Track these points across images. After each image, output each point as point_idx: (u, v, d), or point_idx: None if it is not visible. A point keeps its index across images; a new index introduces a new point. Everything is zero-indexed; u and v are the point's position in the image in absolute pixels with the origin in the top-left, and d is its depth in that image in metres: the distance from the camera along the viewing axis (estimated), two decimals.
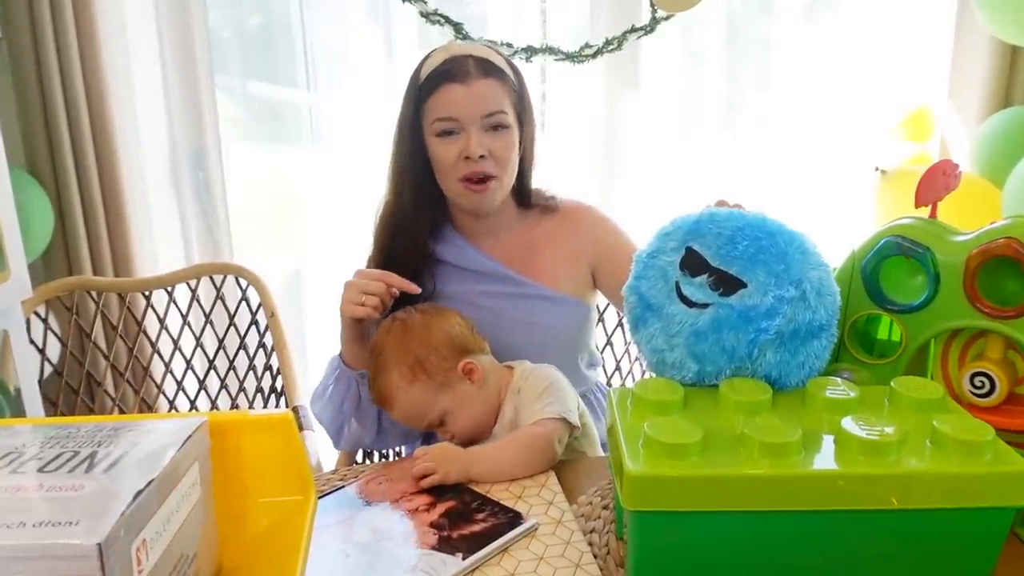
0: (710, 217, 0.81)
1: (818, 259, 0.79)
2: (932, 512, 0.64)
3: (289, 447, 0.58)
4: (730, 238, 0.79)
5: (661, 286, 0.82)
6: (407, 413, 1.03)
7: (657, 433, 0.65)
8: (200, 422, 0.51)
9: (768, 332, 0.75)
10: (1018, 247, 0.75)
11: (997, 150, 1.74)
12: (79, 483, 0.41)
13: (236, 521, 0.57)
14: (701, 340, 0.77)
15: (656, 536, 0.66)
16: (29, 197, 1.67)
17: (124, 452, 0.45)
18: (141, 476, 0.42)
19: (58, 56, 1.68)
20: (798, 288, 0.75)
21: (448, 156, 1.13)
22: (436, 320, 1.06)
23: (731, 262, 0.78)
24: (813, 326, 0.77)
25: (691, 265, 0.80)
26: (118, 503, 0.39)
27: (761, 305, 0.76)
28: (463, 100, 1.11)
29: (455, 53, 1.14)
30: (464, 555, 0.73)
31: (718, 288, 0.78)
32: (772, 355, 0.76)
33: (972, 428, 0.66)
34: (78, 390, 1.54)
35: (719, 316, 0.77)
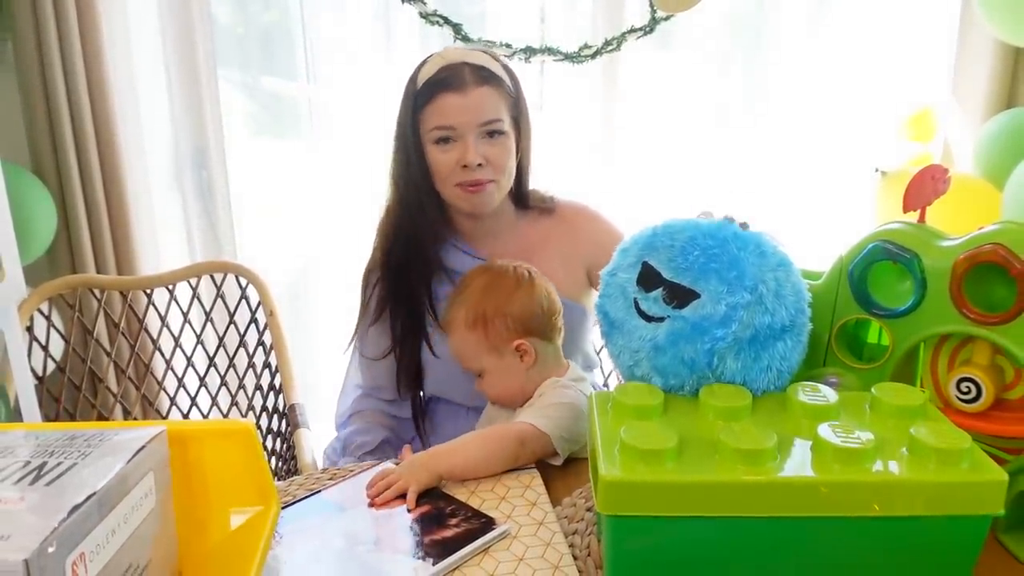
0: (664, 229, 0.81)
1: (778, 259, 0.78)
2: (907, 520, 0.63)
3: (250, 457, 0.58)
4: (681, 250, 0.79)
5: (621, 303, 0.82)
6: (457, 350, 1.07)
7: (633, 438, 0.65)
8: (157, 432, 0.51)
9: (724, 340, 0.75)
10: (1005, 253, 0.74)
11: (998, 152, 1.71)
12: (21, 495, 0.41)
13: (198, 529, 0.57)
14: (661, 354, 0.77)
15: (631, 540, 0.66)
16: (33, 196, 1.69)
17: (73, 463, 0.45)
18: (83, 490, 0.42)
19: (62, 56, 1.69)
20: (753, 292, 0.75)
21: (446, 163, 1.13)
22: (522, 291, 1.06)
23: (683, 274, 0.78)
24: (774, 328, 0.76)
25: (646, 280, 0.81)
26: (53, 518, 0.39)
27: (715, 314, 0.75)
28: (460, 109, 1.11)
29: (451, 60, 1.13)
30: (435, 560, 0.73)
31: (672, 301, 0.78)
32: (733, 362, 0.76)
33: (950, 436, 0.65)
34: (81, 387, 1.56)
35: (674, 329, 0.77)
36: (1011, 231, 0.75)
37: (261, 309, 1.58)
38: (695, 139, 2.13)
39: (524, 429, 0.94)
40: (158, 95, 1.93)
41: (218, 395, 1.65)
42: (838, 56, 2.07)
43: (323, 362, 2.15)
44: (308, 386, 1.79)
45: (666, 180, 2.13)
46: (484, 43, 1.81)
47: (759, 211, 0.85)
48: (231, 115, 2.05)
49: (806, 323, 0.80)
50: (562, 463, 0.97)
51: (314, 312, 2.24)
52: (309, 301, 2.23)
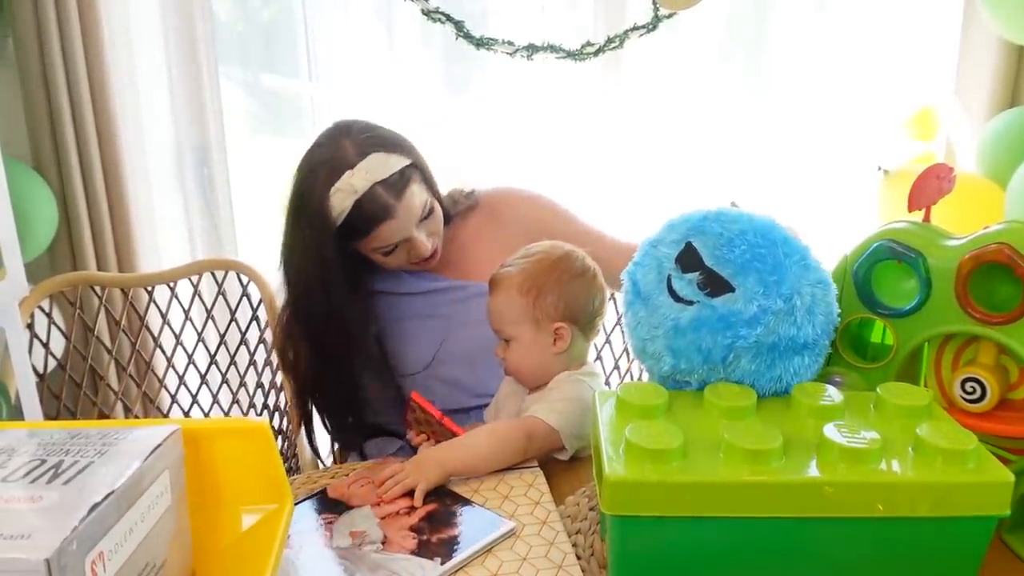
0: (717, 216, 0.80)
1: (819, 275, 0.78)
2: (913, 521, 0.63)
3: (265, 455, 0.58)
4: (729, 240, 0.78)
5: (654, 276, 0.81)
6: (498, 309, 1.05)
7: (638, 438, 0.65)
8: (172, 431, 0.52)
9: (746, 340, 0.74)
10: (1010, 253, 0.74)
11: (1001, 150, 1.71)
12: (39, 494, 0.41)
13: (212, 528, 0.57)
14: (680, 336, 0.77)
15: (636, 540, 0.66)
16: (34, 192, 1.68)
17: (90, 462, 0.45)
18: (101, 488, 0.42)
19: (63, 52, 1.68)
20: (787, 302, 0.75)
21: (397, 260, 1.17)
22: (583, 280, 1.06)
23: (724, 264, 0.77)
24: (796, 343, 0.76)
25: (686, 260, 0.80)
26: (73, 516, 0.39)
27: (744, 312, 0.75)
28: (400, 225, 1.12)
29: (361, 190, 1.10)
30: (443, 560, 0.74)
31: (706, 288, 0.77)
32: (747, 363, 0.75)
33: (956, 436, 0.65)
34: (82, 384, 1.55)
35: (700, 316, 0.76)
36: (1017, 230, 0.75)
37: (263, 307, 1.58)
38: (697, 137, 2.13)
39: (533, 424, 0.94)
40: (159, 92, 1.93)
41: (219, 393, 1.65)
42: (840, 55, 2.07)
43: None
44: None
45: (668, 179, 2.13)
46: (486, 40, 1.81)
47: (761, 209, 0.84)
48: (232, 113, 2.04)
49: (827, 346, 0.80)
50: (568, 458, 0.97)
51: None
52: None
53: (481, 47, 1.80)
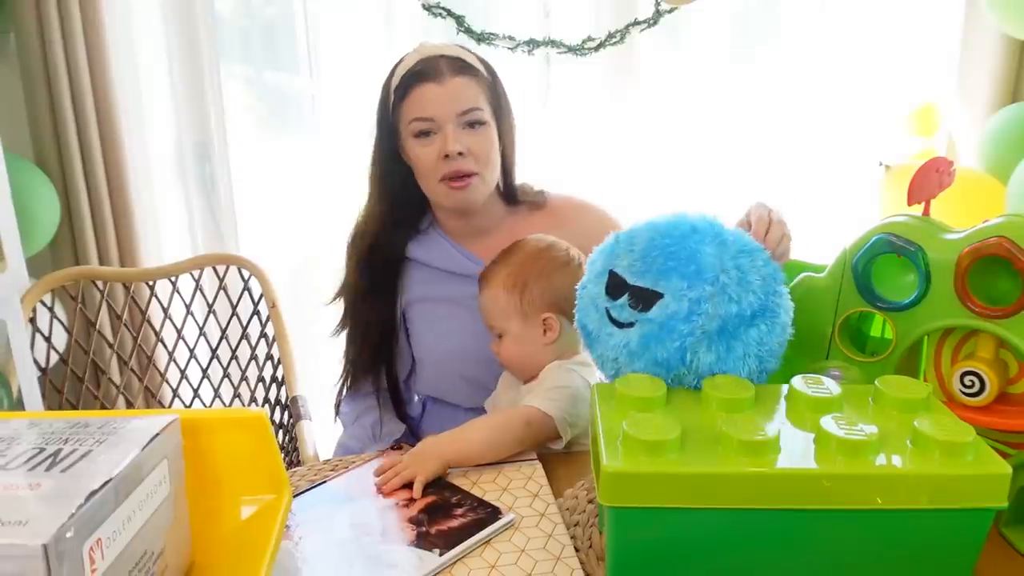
0: (625, 236, 0.83)
1: (739, 246, 0.78)
2: (911, 512, 0.63)
3: (263, 446, 0.58)
4: (642, 254, 0.79)
5: (593, 314, 0.83)
6: (488, 306, 1.08)
7: (635, 430, 0.65)
8: (170, 420, 0.52)
9: (692, 335, 0.75)
10: (1009, 246, 0.74)
11: (1002, 146, 1.71)
12: (37, 482, 0.41)
13: (210, 518, 0.57)
14: (636, 359, 0.78)
15: (633, 531, 0.66)
16: (35, 187, 1.69)
17: (88, 450, 0.46)
18: (99, 475, 0.42)
19: (64, 48, 1.69)
20: (714, 284, 0.75)
21: (428, 157, 1.13)
22: (568, 270, 1.07)
23: (644, 276, 0.79)
24: (743, 316, 0.76)
25: (613, 288, 0.81)
26: (71, 503, 0.39)
27: (679, 311, 0.76)
28: (438, 99, 1.11)
29: (427, 54, 1.14)
30: (442, 551, 0.74)
31: (638, 305, 0.78)
32: (706, 355, 0.76)
33: (954, 429, 0.65)
34: (83, 378, 1.56)
35: (644, 332, 0.77)
36: (1016, 224, 0.75)
37: (263, 301, 1.58)
38: (700, 133, 2.14)
39: (529, 412, 0.95)
40: (160, 87, 1.94)
41: (220, 387, 1.66)
42: (843, 51, 2.07)
43: (323, 354, 2.15)
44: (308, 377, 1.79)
45: (670, 174, 2.13)
46: (487, 35, 1.81)
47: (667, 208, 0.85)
48: (234, 109, 2.04)
49: (781, 304, 0.79)
50: (563, 447, 0.98)
51: (315, 305, 2.23)
52: (310, 294, 2.23)
53: (482, 42, 1.81)
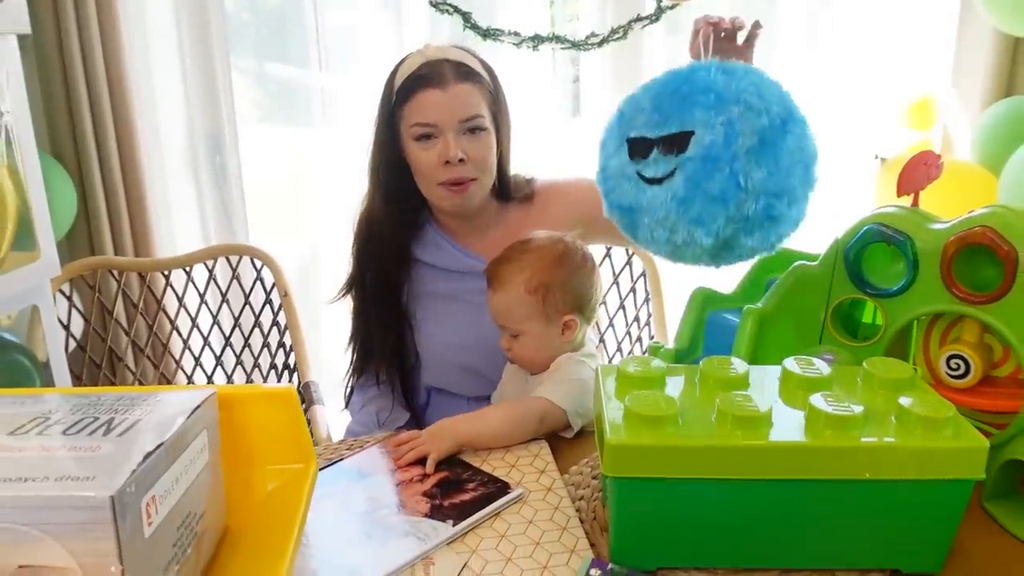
0: (630, 104, 0.82)
1: (744, 68, 0.79)
2: (895, 483, 0.67)
3: (292, 419, 0.62)
4: (655, 106, 0.78)
5: (627, 186, 0.81)
6: (505, 308, 1.07)
7: (637, 406, 0.70)
8: (209, 393, 0.56)
9: (737, 158, 0.73)
10: (992, 236, 0.78)
11: (995, 139, 1.74)
12: (97, 444, 0.46)
13: (243, 486, 0.62)
14: (689, 205, 0.75)
15: (635, 500, 0.71)
16: (53, 180, 1.73)
17: (138, 419, 0.50)
18: (152, 440, 0.47)
19: (80, 42, 1.73)
20: (738, 103, 0.75)
21: (427, 161, 1.15)
22: (586, 271, 1.10)
23: (666, 124, 0.77)
24: (775, 125, 0.75)
25: (638, 150, 0.80)
26: (130, 462, 0.44)
27: (716, 139, 0.74)
28: (440, 105, 1.12)
29: (431, 57, 1.15)
30: (454, 522, 0.78)
31: (672, 151, 0.77)
32: (758, 172, 0.74)
33: (935, 405, 0.69)
34: (101, 364, 1.61)
35: (688, 173, 0.75)
36: (999, 215, 0.79)
37: (275, 290, 1.62)
38: None
39: (543, 405, 0.99)
40: (173, 81, 1.97)
41: (234, 373, 1.70)
42: (840, 44, 2.09)
43: (332, 341, 2.20)
44: (319, 363, 1.84)
45: None
46: (493, 31, 1.85)
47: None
48: (244, 101, 2.08)
49: (797, 109, 0.80)
50: (573, 436, 1.02)
51: (324, 293, 2.28)
52: (319, 283, 2.27)
53: (488, 38, 1.84)
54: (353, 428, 1.29)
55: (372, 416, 1.27)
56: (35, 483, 0.42)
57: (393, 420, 1.27)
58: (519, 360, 1.11)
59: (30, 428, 0.49)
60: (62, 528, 0.41)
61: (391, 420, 1.27)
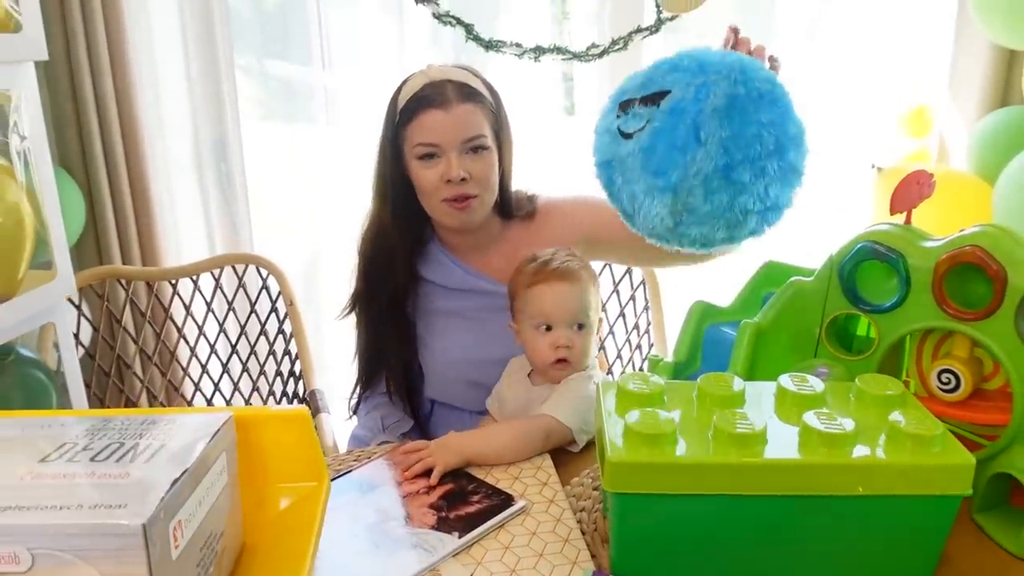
0: (628, 79, 0.87)
1: (736, 55, 0.84)
2: (885, 498, 0.70)
3: (305, 439, 0.65)
4: (646, 74, 0.84)
5: (607, 140, 0.85)
6: (580, 295, 1.10)
7: (636, 423, 0.72)
8: (227, 417, 0.59)
9: (702, 112, 0.77)
10: (982, 255, 0.80)
11: (991, 148, 1.76)
12: (124, 471, 0.48)
13: (258, 504, 0.64)
14: (652, 153, 0.79)
15: (635, 515, 0.73)
16: (62, 190, 1.73)
17: (162, 444, 0.53)
18: (177, 466, 0.49)
19: (88, 53, 1.74)
20: (718, 72, 0.79)
21: (430, 179, 1.17)
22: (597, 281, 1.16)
23: (651, 85, 0.83)
24: (751, 96, 0.79)
25: (622, 108, 0.85)
26: (158, 489, 0.46)
27: (686, 96, 0.78)
28: (443, 125, 1.14)
29: (434, 78, 1.17)
30: (460, 534, 0.81)
31: (647, 104, 0.81)
32: (720, 130, 0.77)
33: (924, 423, 0.72)
34: (109, 372, 1.63)
35: (656, 124, 0.79)
36: (989, 234, 0.81)
37: (281, 299, 1.65)
38: None
39: (550, 424, 1.01)
40: (178, 87, 1.99)
41: (240, 381, 1.73)
42: (836, 53, 2.11)
43: (336, 346, 2.22)
44: (325, 370, 1.86)
45: None
46: (495, 43, 1.87)
47: None
48: (248, 104, 2.08)
49: (787, 100, 0.83)
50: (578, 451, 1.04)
51: (329, 299, 2.30)
52: (323, 287, 2.30)
53: (490, 49, 1.86)
54: (357, 433, 1.32)
55: (377, 421, 1.29)
56: (70, 511, 0.44)
57: (398, 426, 1.29)
58: (577, 357, 1.08)
59: (59, 456, 0.51)
60: (96, 553, 0.43)
61: (396, 426, 1.29)
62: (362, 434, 1.30)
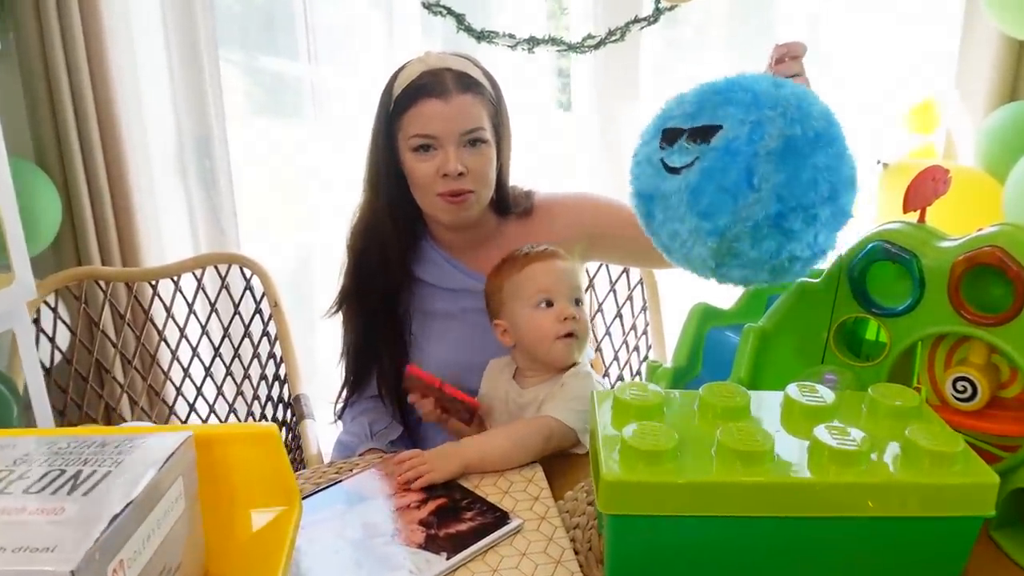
0: (676, 97, 0.82)
1: (793, 86, 0.78)
2: (901, 520, 0.65)
3: (274, 459, 0.60)
4: (695, 99, 0.78)
5: (650, 172, 0.80)
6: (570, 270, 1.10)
7: (634, 439, 0.67)
8: (184, 438, 0.54)
9: (757, 155, 0.72)
10: (1002, 255, 0.75)
11: (1000, 144, 1.71)
12: (60, 505, 0.43)
13: (223, 530, 0.59)
14: (701, 195, 0.74)
15: (631, 538, 0.68)
16: (37, 188, 1.70)
17: (107, 472, 0.47)
18: (120, 499, 0.44)
19: (64, 48, 1.69)
20: (774, 109, 0.73)
21: (425, 173, 1.12)
22: None
23: (700, 116, 0.77)
24: (807, 137, 0.74)
25: (668, 138, 0.79)
26: (95, 528, 0.41)
27: (740, 135, 0.73)
28: (441, 116, 1.09)
29: (432, 66, 1.12)
30: (449, 554, 0.76)
31: (696, 140, 0.76)
32: (775, 175, 0.72)
33: (944, 438, 0.67)
34: (87, 378, 1.58)
35: (705, 164, 0.74)
36: (1009, 233, 0.76)
37: (265, 300, 1.59)
38: None
39: (550, 425, 0.97)
40: (160, 84, 1.93)
41: (223, 385, 1.67)
42: (838, 44, 2.06)
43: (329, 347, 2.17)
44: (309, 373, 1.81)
45: None
46: (487, 33, 1.81)
47: None
48: (232, 94, 2.02)
49: (842, 137, 0.78)
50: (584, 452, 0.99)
51: (317, 299, 2.25)
52: (313, 288, 2.25)
53: (482, 40, 1.81)
54: (343, 439, 1.27)
55: (364, 427, 1.25)
56: None
57: (386, 433, 1.24)
58: (583, 331, 1.07)
59: None
60: None
61: (383, 433, 1.24)
62: (348, 440, 1.25)
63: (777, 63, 0.97)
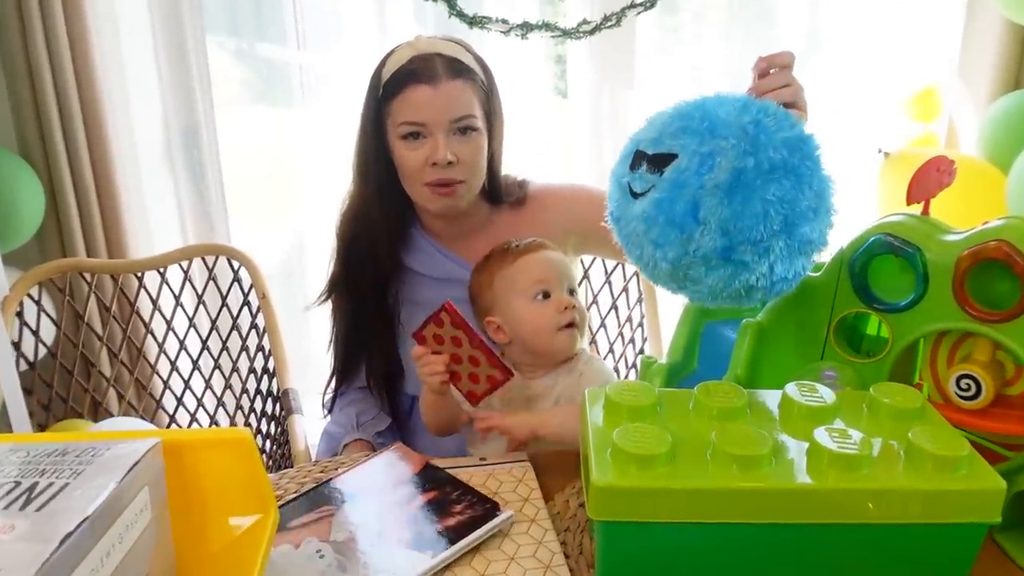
0: (653, 115, 0.80)
1: (761, 108, 0.75)
2: (903, 527, 0.63)
3: (248, 465, 0.57)
4: (660, 122, 0.77)
5: (618, 195, 0.80)
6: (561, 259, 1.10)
7: (625, 442, 0.64)
8: (151, 445, 0.51)
9: (703, 187, 0.71)
10: (1009, 250, 0.73)
11: (1003, 134, 1.69)
12: (10, 523, 0.40)
13: (196, 539, 0.57)
14: (652, 223, 0.74)
15: (623, 544, 0.66)
16: (20, 178, 1.66)
17: (65, 483, 0.45)
18: (75, 515, 0.41)
19: (45, 34, 1.64)
20: (726, 140, 0.72)
21: (414, 161, 1.09)
22: None
23: (661, 142, 0.76)
24: (761, 168, 0.71)
25: (634, 161, 0.79)
26: (45, 548, 0.38)
27: (690, 166, 0.72)
28: (431, 103, 1.06)
29: (422, 51, 1.09)
30: (434, 553, 0.74)
31: (654, 170, 0.76)
32: (720, 209, 0.71)
33: (948, 442, 0.64)
34: (73, 371, 1.55)
35: (658, 193, 0.74)
36: (1016, 227, 0.74)
37: (253, 292, 1.57)
38: None
39: None
40: (146, 72, 1.89)
41: (211, 378, 1.65)
42: (839, 31, 2.03)
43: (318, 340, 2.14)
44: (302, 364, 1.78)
45: None
46: (480, 19, 1.78)
47: None
48: (220, 82, 1.98)
49: (808, 165, 0.74)
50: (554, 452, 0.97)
51: (309, 289, 2.22)
52: (305, 279, 2.22)
53: (475, 26, 1.77)
54: (329, 429, 1.25)
55: (351, 418, 1.22)
56: None
57: (373, 424, 1.22)
58: (583, 320, 1.07)
59: None
60: None
61: (370, 424, 1.22)
62: (334, 430, 1.23)
63: (761, 77, 0.93)
